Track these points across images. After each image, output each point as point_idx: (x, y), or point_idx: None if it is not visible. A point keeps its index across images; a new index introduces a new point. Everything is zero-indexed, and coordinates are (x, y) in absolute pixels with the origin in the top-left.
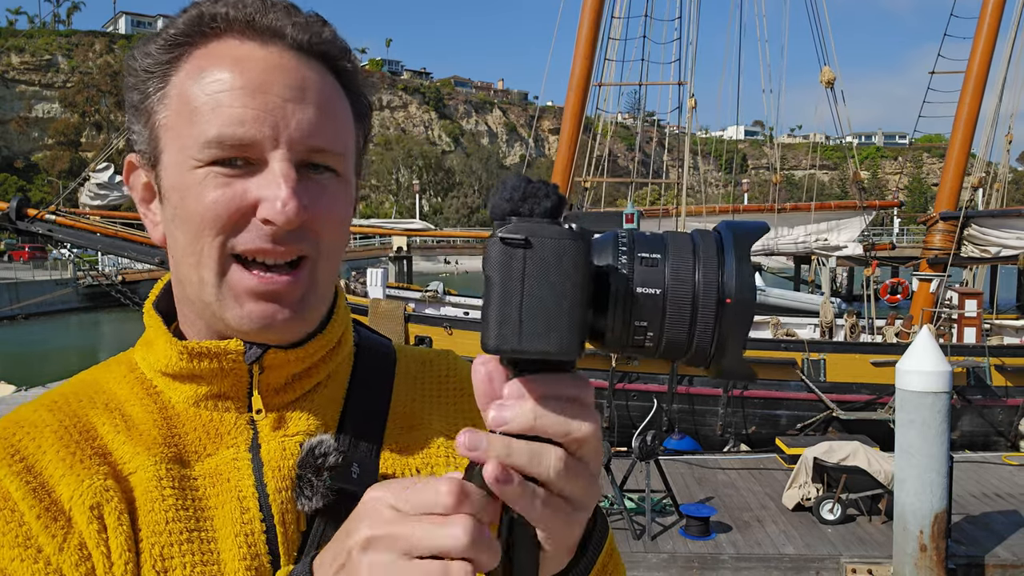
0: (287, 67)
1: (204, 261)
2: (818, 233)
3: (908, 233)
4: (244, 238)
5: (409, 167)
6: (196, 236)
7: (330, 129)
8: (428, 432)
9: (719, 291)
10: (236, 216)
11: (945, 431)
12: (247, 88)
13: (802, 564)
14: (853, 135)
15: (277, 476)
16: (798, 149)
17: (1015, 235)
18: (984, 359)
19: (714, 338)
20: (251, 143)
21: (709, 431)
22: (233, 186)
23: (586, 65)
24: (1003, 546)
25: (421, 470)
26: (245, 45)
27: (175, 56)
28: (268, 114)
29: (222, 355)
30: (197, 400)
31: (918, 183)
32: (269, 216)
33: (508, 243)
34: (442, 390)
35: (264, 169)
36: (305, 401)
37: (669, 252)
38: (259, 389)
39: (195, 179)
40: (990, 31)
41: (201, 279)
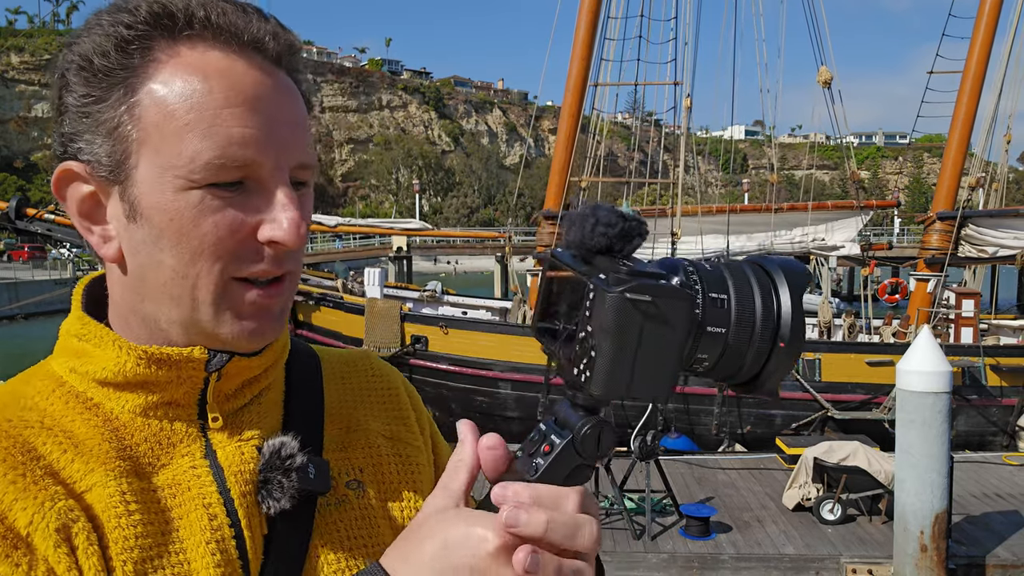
0: (274, 83)
1: (201, 284)
2: (815, 233)
3: (908, 233)
4: (248, 261)
5: (409, 167)
6: (192, 260)
7: (308, 143)
8: (367, 433)
9: (774, 335)
10: (238, 239)
11: (946, 431)
12: (244, 106)
13: (802, 564)
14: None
15: (240, 481)
16: (798, 149)
17: (1013, 235)
18: (979, 359)
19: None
20: (252, 164)
21: (705, 431)
22: (231, 209)
23: (583, 65)
24: (1004, 546)
25: (364, 469)
26: (228, 57)
27: (143, 60)
28: (266, 133)
29: (184, 362)
30: (145, 410)
31: (918, 183)
32: (280, 238)
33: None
34: (371, 390)
35: (261, 190)
36: (253, 406)
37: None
38: (213, 396)
39: (189, 201)
40: (987, 31)
41: (195, 300)
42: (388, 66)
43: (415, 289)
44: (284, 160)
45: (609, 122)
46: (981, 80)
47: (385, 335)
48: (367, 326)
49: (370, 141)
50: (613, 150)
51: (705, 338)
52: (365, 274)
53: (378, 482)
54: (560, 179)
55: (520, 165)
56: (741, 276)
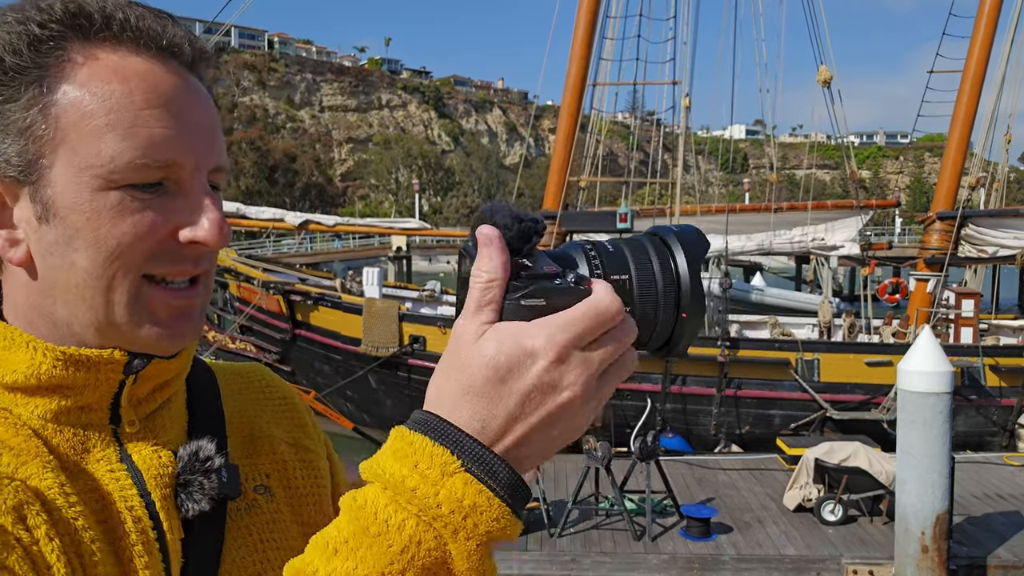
0: (190, 87)
1: (117, 285)
2: (815, 233)
3: (909, 233)
4: (167, 261)
5: (408, 167)
6: (108, 261)
7: (222, 146)
8: (271, 440)
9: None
10: (156, 239)
11: (947, 432)
12: (164, 108)
13: (803, 565)
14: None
15: (160, 484)
16: (799, 148)
17: (1012, 235)
18: (978, 359)
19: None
20: (172, 165)
21: (703, 431)
22: (151, 210)
23: (582, 65)
24: (1005, 547)
25: (271, 475)
26: (147, 61)
27: (57, 60)
28: (187, 136)
29: (103, 364)
30: (57, 415)
31: (919, 183)
32: (203, 239)
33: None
34: (267, 400)
35: (180, 191)
36: (163, 411)
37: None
38: (127, 400)
39: (107, 202)
40: (987, 30)
41: (110, 302)
42: (388, 65)
43: (414, 289)
44: (203, 162)
45: (609, 122)
46: (981, 80)
47: (383, 335)
48: (365, 326)
49: (369, 141)
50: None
51: None
52: (364, 274)
53: (285, 487)
54: (559, 179)
55: (520, 165)
56: (641, 252)
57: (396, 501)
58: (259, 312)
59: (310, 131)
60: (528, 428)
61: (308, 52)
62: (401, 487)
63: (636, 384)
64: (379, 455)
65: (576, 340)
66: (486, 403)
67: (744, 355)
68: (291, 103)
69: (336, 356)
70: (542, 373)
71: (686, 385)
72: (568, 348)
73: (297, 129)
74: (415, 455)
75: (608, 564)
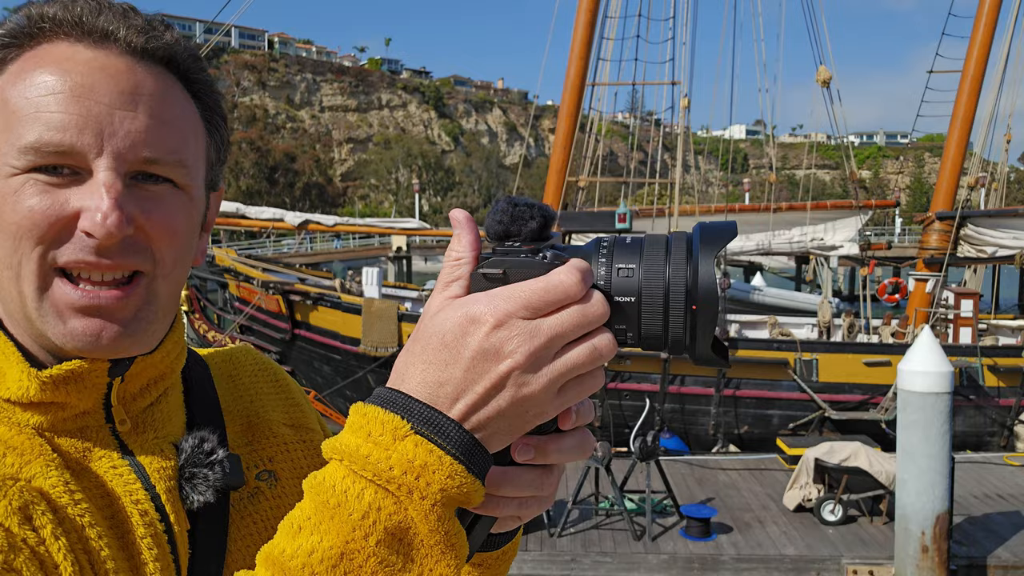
0: (117, 71)
1: (24, 274)
2: (814, 233)
3: (909, 233)
4: (66, 251)
5: (408, 167)
6: (14, 247)
7: (166, 138)
8: (270, 424)
9: (686, 299)
10: (57, 226)
11: (947, 432)
12: (70, 92)
13: (803, 565)
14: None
15: (163, 477)
16: (799, 148)
17: (1011, 235)
18: (977, 359)
19: (686, 335)
20: (71, 151)
21: (701, 431)
22: (54, 195)
23: (581, 65)
24: (1005, 547)
25: (274, 459)
26: (73, 48)
27: (1, 59)
28: (91, 120)
29: (87, 374)
30: (54, 423)
31: (919, 183)
32: (89, 228)
33: (488, 278)
34: (259, 383)
35: (85, 178)
36: (160, 405)
37: (643, 261)
38: (119, 400)
39: (11, 187)
40: (986, 30)
41: (21, 293)
42: (388, 65)
43: (414, 289)
44: (117, 149)
45: (608, 122)
46: (980, 80)
47: (382, 335)
48: (364, 326)
49: (370, 140)
50: (613, 150)
51: (617, 309)
52: (363, 274)
53: (290, 469)
54: (558, 179)
55: (520, 165)
56: (656, 244)
57: (352, 471)
58: (259, 312)
59: (310, 131)
60: (476, 396)
61: (308, 52)
62: (355, 455)
63: (635, 384)
64: (340, 434)
65: (519, 309)
66: (434, 369)
67: (743, 355)
68: (291, 103)
69: (336, 356)
70: (483, 339)
71: (684, 385)
72: (509, 315)
73: (297, 129)
74: (368, 424)
75: (608, 564)
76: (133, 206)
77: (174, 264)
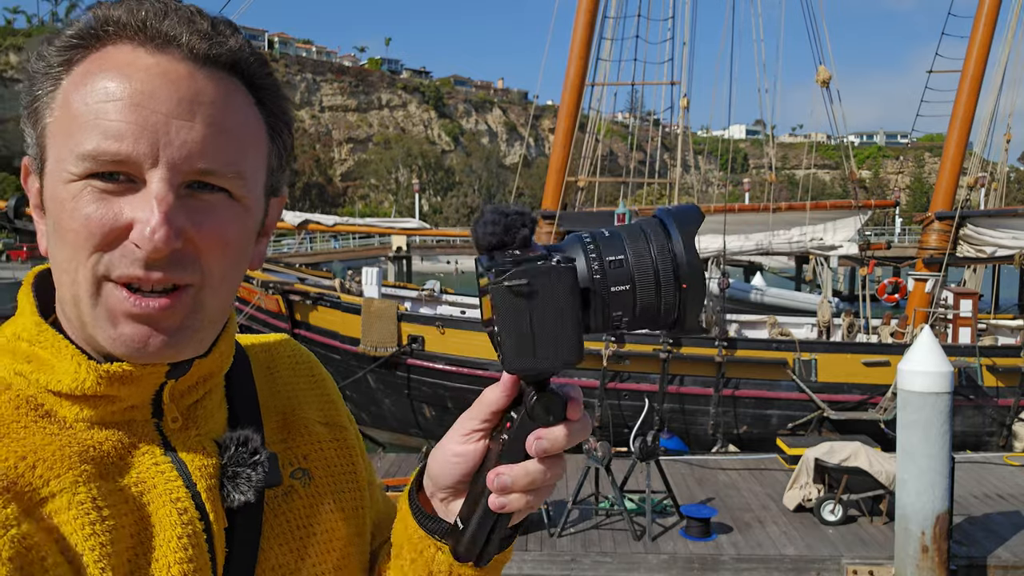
0: (178, 77)
1: (79, 280)
2: (813, 233)
3: (909, 232)
4: (117, 262)
5: (409, 166)
6: (72, 253)
7: (224, 148)
8: (306, 421)
9: (676, 280)
10: (111, 236)
11: (947, 432)
12: (129, 100)
13: (803, 565)
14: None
15: (205, 475)
16: (799, 148)
17: (1011, 235)
18: (975, 359)
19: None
20: (127, 160)
21: (700, 431)
22: (109, 203)
23: (581, 65)
24: (1005, 547)
25: (309, 457)
26: (135, 52)
27: (68, 59)
28: (147, 129)
29: (146, 375)
30: (102, 417)
31: (919, 183)
32: (137, 241)
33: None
34: (298, 377)
35: (140, 188)
36: (205, 401)
37: (628, 252)
38: (169, 397)
39: (70, 192)
40: (986, 30)
41: (76, 297)
42: (388, 65)
43: (414, 288)
44: (172, 159)
45: (608, 122)
46: (980, 80)
47: (382, 335)
48: (363, 326)
49: (370, 140)
50: (612, 149)
51: (614, 298)
52: (363, 274)
53: (323, 468)
54: (558, 179)
55: (520, 165)
56: (636, 233)
57: None
58: (258, 312)
59: (310, 131)
60: None
61: (308, 52)
62: None
63: (634, 384)
64: None
65: None
66: None
67: (742, 355)
68: (291, 103)
69: (335, 356)
70: None
71: (684, 385)
72: None
73: (297, 129)
74: None
75: (608, 564)
76: (184, 218)
77: (223, 275)
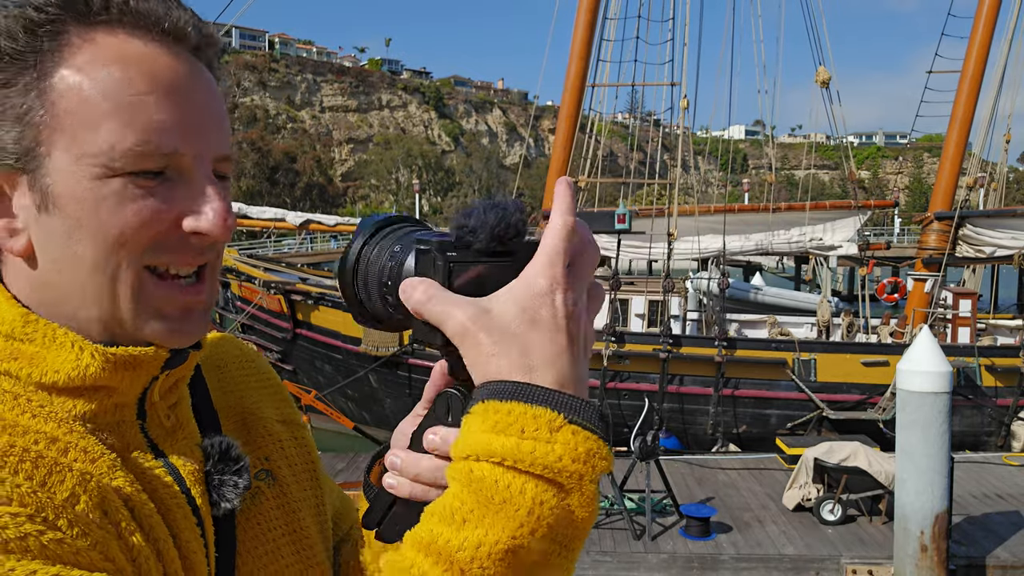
0: (194, 73)
1: (122, 277)
2: (813, 233)
3: (909, 233)
4: (170, 252)
5: (409, 167)
6: (112, 250)
7: (228, 135)
8: (264, 421)
9: None
10: (162, 230)
11: (946, 432)
12: (166, 94)
13: (802, 565)
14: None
15: (196, 480)
16: (798, 149)
17: (1010, 235)
18: (974, 359)
19: None
20: (174, 153)
21: (699, 430)
22: (154, 198)
23: (581, 66)
24: (1003, 547)
25: (271, 457)
26: (147, 44)
27: (55, 44)
28: (190, 123)
29: (146, 362)
30: (96, 414)
31: (919, 183)
32: (206, 230)
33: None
34: (248, 375)
35: (184, 180)
36: (180, 404)
37: None
38: (158, 395)
39: (110, 189)
40: (986, 31)
41: (116, 294)
42: (388, 66)
43: None
44: (206, 150)
45: (608, 122)
46: (979, 80)
47: (383, 335)
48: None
49: (370, 141)
50: (613, 150)
51: None
52: None
53: (286, 467)
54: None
55: (520, 165)
56: None
57: (515, 468)
58: (260, 311)
59: (310, 131)
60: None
61: (309, 53)
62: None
63: (634, 384)
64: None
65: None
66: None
67: (741, 355)
68: (292, 103)
69: (337, 355)
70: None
71: (683, 385)
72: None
73: (298, 129)
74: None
75: (608, 563)
76: None
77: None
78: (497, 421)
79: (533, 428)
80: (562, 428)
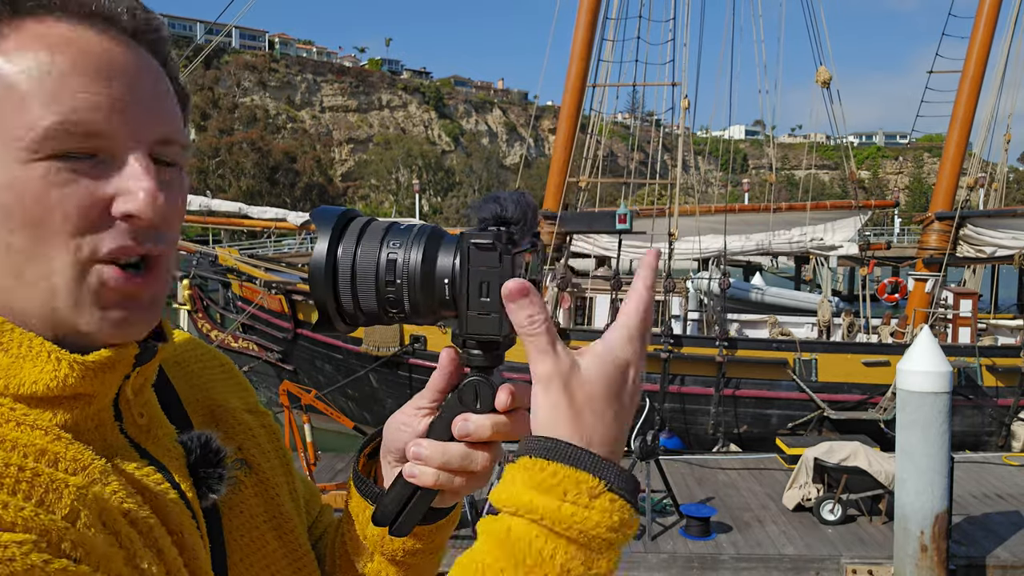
0: (128, 55)
1: (56, 267)
2: (813, 233)
3: (909, 233)
4: (104, 238)
5: (409, 167)
6: (40, 239)
7: (172, 120)
8: (232, 411)
9: None
10: (93, 214)
11: (946, 431)
12: (90, 74)
13: (802, 565)
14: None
15: (183, 476)
16: (799, 149)
17: (1011, 235)
18: (975, 359)
19: None
20: (101, 133)
21: (700, 430)
22: (83, 182)
23: (582, 66)
24: (1003, 547)
25: (244, 447)
26: (76, 28)
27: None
28: (118, 102)
29: (120, 362)
30: (76, 421)
31: (919, 183)
32: (134, 211)
33: None
34: (210, 368)
35: (115, 162)
36: (148, 403)
37: None
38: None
39: (33, 174)
40: (986, 31)
41: (52, 286)
42: (388, 66)
43: None
44: (141, 132)
45: (609, 122)
46: (980, 80)
47: (384, 335)
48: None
49: (370, 141)
50: (613, 150)
51: None
52: None
53: (259, 455)
54: (559, 179)
55: (520, 165)
56: None
57: (548, 529)
58: (261, 311)
59: (311, 131)
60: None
61: (309, 53)
62: (556, 516)
63: None
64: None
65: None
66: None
67: (742, 355)
68: (292, 103)
69: (337, 355)
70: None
71: (684, 384)
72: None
73: (298, 129)
74: (561, 485)
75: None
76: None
77: (175, 244)
78: (542, 480)
79: (575, 493)
80: (600, 496)
